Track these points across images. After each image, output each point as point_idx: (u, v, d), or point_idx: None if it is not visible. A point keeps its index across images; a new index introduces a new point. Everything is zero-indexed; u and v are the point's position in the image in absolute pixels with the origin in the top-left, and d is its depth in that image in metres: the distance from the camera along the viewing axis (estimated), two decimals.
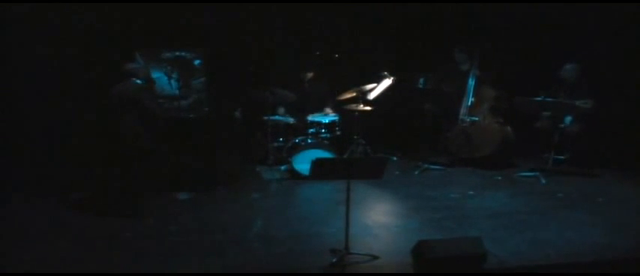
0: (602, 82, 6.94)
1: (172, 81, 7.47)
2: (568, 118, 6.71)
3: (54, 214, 5.37)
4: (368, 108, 7.00)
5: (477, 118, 7.09)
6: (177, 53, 7.55)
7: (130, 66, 5.72)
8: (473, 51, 7.19)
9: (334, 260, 4.38)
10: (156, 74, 7.50)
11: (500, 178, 6.72)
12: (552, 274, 4.44)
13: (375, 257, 4.45)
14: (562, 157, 6.82)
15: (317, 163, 4.36)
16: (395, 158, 7.47)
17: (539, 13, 7.52)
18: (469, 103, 7.13)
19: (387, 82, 7.09)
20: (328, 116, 7.06)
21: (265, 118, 6.77)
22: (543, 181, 6.48)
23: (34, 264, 4.35)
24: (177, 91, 7.02)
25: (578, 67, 6.82)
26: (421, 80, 7.75)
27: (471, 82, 7.13)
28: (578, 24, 7.28)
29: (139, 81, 5.63)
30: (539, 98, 6.54)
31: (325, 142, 6.67)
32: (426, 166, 7.00)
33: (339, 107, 7.23)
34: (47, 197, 5.76)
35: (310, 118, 6.97)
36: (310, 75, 7.35)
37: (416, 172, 6.90)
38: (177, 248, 4.66)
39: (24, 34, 6.62)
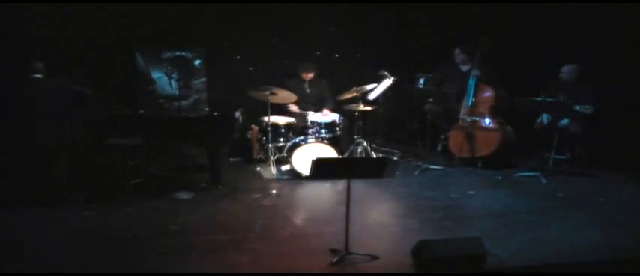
0: (602, 82, 6.95)
1: (172, 81, 7.49)
2: (565, 121, 6.71)
3: (53, 214, 5.36)
4: (368, 108, 7.01)
5: (477, 118, 7.09)
6: (177, 53, 7.56)
7: (37, 65, 5.69)
8: (473, 51, 7.19)
9: (334, 260, 4.38)
10: (156, 74, 7.52)
11: (500, 178, 6.71)
12: (552, 274, 4.44)
13: (375, 257, 4.44)
14: (562, 157, 6.82)
15: (317, 163, 4.36)
16: (395, 158, 7.48)
17: (540, 14, 7.52)
18: (469, 103, 7.13)
19: (387, 82, 7.10)
20: (328, 116, 7.06)
21: (265, 118, 6.77)
22: (543, 181, 6.48)
23: (33, 264, 4.35)
24: (177, 91, 7.03)
25: (576, 68, 6.82)
26: (421, 80, 7.78)
27: (471, 82, 7.13)
28: (578, 24, 7.28)
29: (39, 75, 5.64)
30: (539, 98, 6.54)
31: (325, 142, 6.67)
32: (426, 166, 7.00)
33: (339, 107, 7.24)
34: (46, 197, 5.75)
35: (310, 118, 6.97)
36: (310, 75, 7.36)
37: (416, 172, 6.90)
38: (177, 248, 4.66)
39: (23, 37, 6.62)
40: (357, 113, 6.93)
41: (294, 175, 6.55)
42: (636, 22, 6.95)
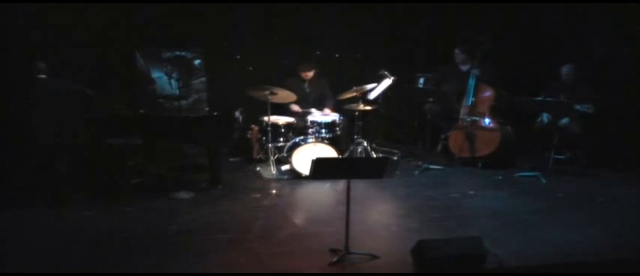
0: (602, 82, 6.95)
1: (172, 81, 7.48)
2: (565, 120, 6.71)
3: (53, 214, 5.36)
4: (368, 108, 7.01)
5: (476, 118, 7.09)
6: (177, 53, 7.55)
7: (40, 65, 5.75)
8: (473, 51, 7.19)
9: (334, 260, 4.38)
10: (156, 74, 7.51)
11: (500, 178, 6.71)
12: (552, 274, 4.44)
13: (375, 257, 4.45)
14: (562, 156, 6.82)
15: (317, 163, 4.36)
16: (395, 158, 7.47)
17: (540, 14, 7.52)
18: (469, 103, 7.13)
19: (387, 82, 7.10)
20: (328, 116, 7.06)
21: (265, 118, 6.77)
22: (543, 181, 6.48)
23: (34, 264, 4.34)
24: (177, 91, 7.03)
25: (575, 68, 6.82)
26: (421, 80, 7.77)
27: (471, 82, 7.13)
28: (578, 24, 7.28)
29: (43, 75, 5.70)
30: (539, 98, 6.54)
31: (325, 141, 6.67)
32: (426, 166, 7.00)
33: (339, 107, 7.24)
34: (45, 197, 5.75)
35: (310, 118, 6.97)
36: (310, 75, 7.36)
37: (416, 172, 6.90)
38: (177, 248, 4.66)
39: (25, 38, 6.62)
40: (357, 113, 6.93)
41: (294, 175, 6.55)
42: (636, 22, 6.95)
